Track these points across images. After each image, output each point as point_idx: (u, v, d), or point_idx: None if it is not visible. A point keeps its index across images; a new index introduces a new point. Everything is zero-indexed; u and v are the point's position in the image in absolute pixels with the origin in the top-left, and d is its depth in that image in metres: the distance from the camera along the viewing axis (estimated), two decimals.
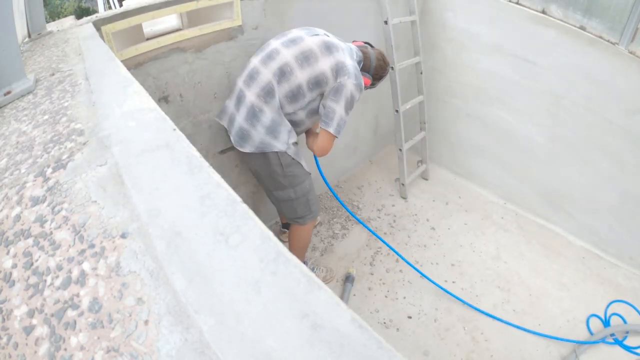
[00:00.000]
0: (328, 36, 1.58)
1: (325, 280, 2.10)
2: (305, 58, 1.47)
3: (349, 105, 1.51)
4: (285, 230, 2.28)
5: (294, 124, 1.58)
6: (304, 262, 2.05)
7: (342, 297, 2.00)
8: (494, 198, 2.72)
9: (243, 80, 1.54)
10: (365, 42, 1.76)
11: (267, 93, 1.47)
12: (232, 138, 1.57)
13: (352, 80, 1.48)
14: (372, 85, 1.74)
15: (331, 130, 1.51)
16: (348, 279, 2.08)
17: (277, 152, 1.53)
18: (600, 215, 2.27)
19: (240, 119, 1.53)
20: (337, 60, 1.48)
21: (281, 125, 1.51)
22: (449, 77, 2.60)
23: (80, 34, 1.35)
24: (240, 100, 1.54)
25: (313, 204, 1.76)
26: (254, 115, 1.49)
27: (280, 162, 1.56)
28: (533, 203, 2.55)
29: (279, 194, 1.69)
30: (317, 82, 1.48)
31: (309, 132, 1.75)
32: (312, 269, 2.09)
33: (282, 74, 1.47)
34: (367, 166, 2.98)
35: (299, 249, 1.93)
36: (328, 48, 1.49)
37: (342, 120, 1.52)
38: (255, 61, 1.54)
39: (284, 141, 1.53)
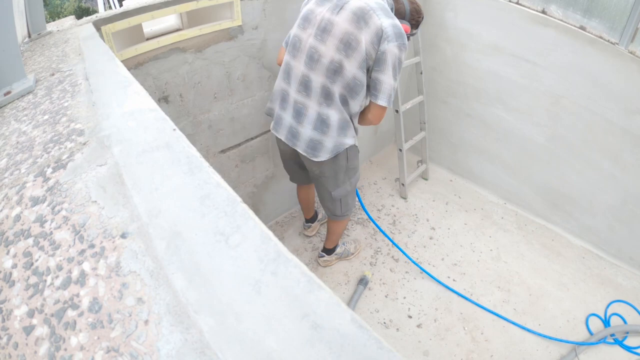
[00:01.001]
0: None
1: (357, 250, 2.28)
2: (347, 45, 1.32)
3: (397, 70, 1.37)
4: (310, 224, 2.35)
5: (357, 114, 1.50)
6: (337, 244, 2.16)
7: (352, 298, 2.01)
8: (494, 198, 2.72)
9: (296, 89, 1.44)
10: None
11: (327, 97, 1.39)
12: (301, 150, 1.50)
13: (393, 43, 1.30)
14: (411, 34, 1.57)
15: (382, 103, 1.39)
16: (362, 281, 2.08)
17: (347, 148, 1.49)
18: (600, 215, 2.27)
19: (307, 131, 1.45)
20: (375, 27, 1.29)
21: (348, 122, 1.45)
22: (449, 77, 2.60)
23: (80, 34, 1.35)
24: (299, 112, 1.46)
25: (354, 196, 1.82)
26: (322, 122, 1.42)
27: (347, 157, 1.52)
28: (533, 203, 2.55)
29: (338, 191, 1.65)
30: (366, 61, 1.34)
31: None
32: (343, 244, 2.22)
33: (334, 72, 1.36)
34: (367, 166, 2.98)
35: (338, 235, 2.05)
36: (361, 18, 1.30)
37: (391, 89, 1.38)
38: (299, 66, 1.42)
39: (352, 135, 1.48)
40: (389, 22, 1.31)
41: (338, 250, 2.16)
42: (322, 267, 2.18)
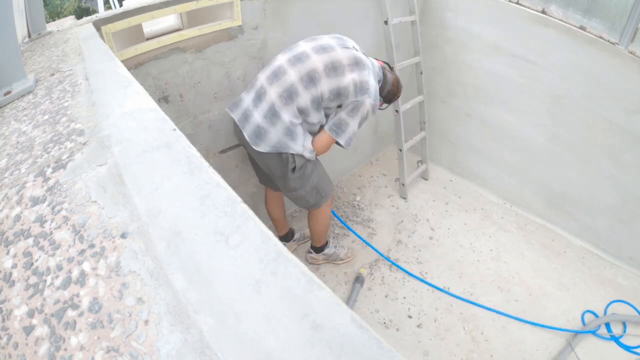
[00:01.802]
0: (357, 51, 1.58)
1: (347, 258, 2.21)
2: (334, 69, 1.47)
3: (362, 121, 1.56)
4: (285, 243, 2.21)
5: (312, 131, 1.59)
6: (326, 243, 2.11)
7: (350, 297, 2.01)
8: (494, 198, 2.72)
9: (266, 76, 1.51)
10: (385, 62, 1.76)
11: (289, 95, 1.46)
12: (245, 134, 1.51)
13: (370, 100, 1.51)
14: (380, 108, 1.72)
15: (341, 141, 1.55)
16: (358, 279, 2.08)
17: (292, 154, 1.51)
18: (600, 215, 2.27)
19: (258, 116, 1.49)
20: (362, 78, 1.49)
21: (298, 128, 1.50)
22: (449, 77, 2.60)
23: (80, 34, 1.35)
24: (260, 96, 1.50)
25: (323, 188, 1.76)
26: (274, 114, 1.46)
27: (294, 165, 1.55)
28: (533, 203, 2.55)
29: (289, 194, 1.71)
30: (338, 94, 1.49)
31: None
32: (335, 247, 2.17)
33: (310, 79, 1.46)
34: (367, 166, 2.98)
35: (320, 232, 2.00)
36: (357, 64, 1.50)
37: (353, 135, 1.57)
38: (282, 60, 1.52)
39: (301, 144, 1.51)
40: (373, 83, 1.54)
41: (327, 251, 2.13)
42: (322, 267, 2.18)
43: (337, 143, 1.59)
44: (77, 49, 1.24)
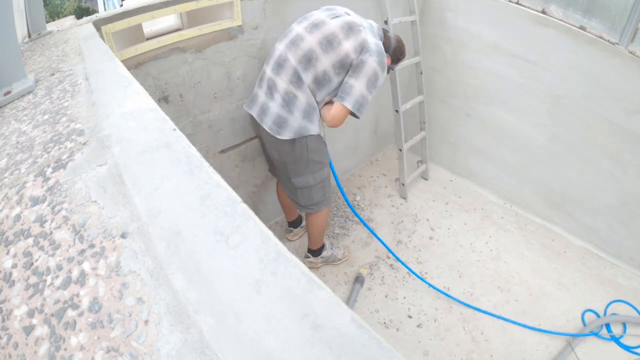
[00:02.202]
0: (349, 15, 1.56)
1: (344, 257, 2.22)
2: (329, 42, 1.46)
3: (371, 83, 1.47)
4: (292, 229, 2.33)
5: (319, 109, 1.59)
6: (323, 245, 2.12)
7: (350, 297, 2.01)
8: (494, 198, 2.72)
9: (271, 68, 1.53)
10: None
11: (298, 78, 1.47)
12: (265, 127, 1.55)
13: (374, 57, 1.45)
14: (390, 67, 1.70)
15: (347, 105, 1.45)
16: (358, 279, 2.08)
17: (308, 136, 1.54)
18: (600, 215, 2.27)
19: (275, 107, 1.52)
20: (360, 39, 1.47)
21: (314, 109, 1.52)
22: (449, 77, 2.60)
23: (80, 34, 1.35)
24: (271, 88, 1.53)
25: (328, 191, 1.79)
26: (289, 101, 1.49)
27: (307, 147, 1.57)
28: (533, 203, 2.55)
29: (298, 180, 1.69)
30: (342, 65, 1.47)
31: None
32: (331, 248, 2.18)
33: (308, 60, 1.46)
34: (367, 166, 2.98)
35: (317, 235, 2.01)
36: (350, 28, 1.48)
37: (361, 98, 1.47)
38: (280, 47, 1.52)
39: (317, 123, 1.54)
40: (373, 40, 1.50)
41: (325, 253, 2.14)
42: (322, 267, 2.19)
43: (352, 114, 1.51)
44: (77, 49, 1.24)
